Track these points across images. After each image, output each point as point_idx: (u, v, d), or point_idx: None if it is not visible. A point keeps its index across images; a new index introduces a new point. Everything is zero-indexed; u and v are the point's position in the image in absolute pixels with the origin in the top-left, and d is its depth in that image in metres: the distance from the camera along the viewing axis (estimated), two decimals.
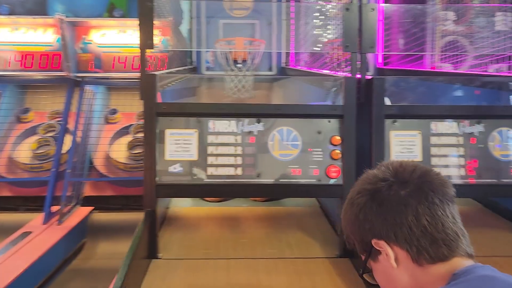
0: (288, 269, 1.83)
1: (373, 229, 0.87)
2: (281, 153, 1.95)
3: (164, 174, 1.89)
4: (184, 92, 3.62)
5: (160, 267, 1.84)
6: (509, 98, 2.46)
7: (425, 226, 0.82)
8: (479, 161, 1.97)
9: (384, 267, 0.87)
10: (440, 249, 0.82)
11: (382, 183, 0.87)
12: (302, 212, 2.56)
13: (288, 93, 3.36)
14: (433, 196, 0.84)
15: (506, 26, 3.01)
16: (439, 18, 3.61)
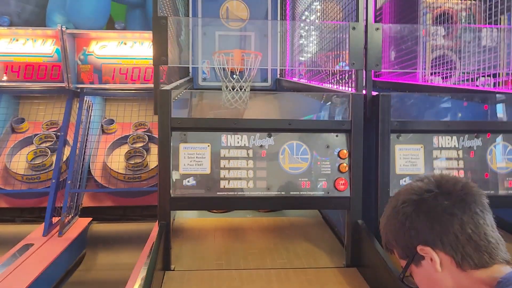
0: (300, 278, 1.89)
1: (419, 236, 0.93)
2: (291, 166, 2.02)
3: (178, 187, 1.94)
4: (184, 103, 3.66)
5: (175, 279, 1.87)
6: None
7: (469, 234, 0.89)
8: (476, 173, 2.08)
9: (427, 272, 0.93)
10: (483, 256, 0.88)
11: (427, 194, 0.94)
12: (306, 223, 2.63)
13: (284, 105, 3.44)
14: (475, 206, 0.91)
15: (491, 42, 3.16)
16: (430, 33, 3.75)
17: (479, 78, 3.18)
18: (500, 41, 3.09)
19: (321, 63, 3.13)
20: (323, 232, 2.45)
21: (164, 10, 2.63)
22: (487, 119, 2.34)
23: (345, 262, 2.04)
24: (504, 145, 2.11)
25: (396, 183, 2.03)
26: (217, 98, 3.67)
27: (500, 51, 3.04)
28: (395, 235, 0.98)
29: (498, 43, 3.08)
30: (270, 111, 3.86)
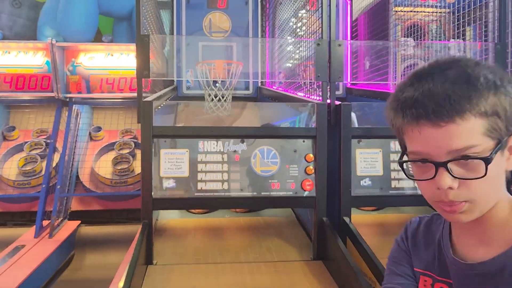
0: (270, 270, 2.10)
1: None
2: (262, 169, 2.23)
3: (159, 189, 2.14)
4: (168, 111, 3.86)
5: (157, 272, 2.07)
6: None
7: None
8: None
9: (502, 165, 0.73)
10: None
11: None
12: (280, 222, 2.84)
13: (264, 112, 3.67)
14: None
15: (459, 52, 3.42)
16: (401, 44, 4.00)
17: None
18: (466, 51, 3.35)
19: (294, 74, 3.36)
20: (295, 230, 2.67)
21: (148, 25, 2.84)
22: None
23: (312, 256, 2.26)
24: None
25: (357, 184, 2.25)
26: (200, 106, 3.87)
27: None
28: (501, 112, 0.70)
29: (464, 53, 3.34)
30: (250, 118, 4.11)
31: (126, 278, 1.70)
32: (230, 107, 3.72)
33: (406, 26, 4.25)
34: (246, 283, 1.98)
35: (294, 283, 1.98)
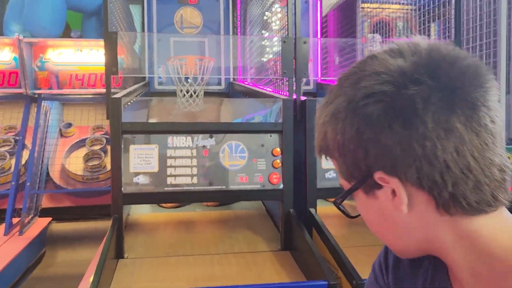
0: (238, 261, 2.17)
1: (382, 157, 0.56)
2: (230, 163, 2.29)
3: (129, 184, 2.17)
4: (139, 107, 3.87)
5: (128, 265, 2.11)
6: None
7: (468, 163, 0.54)
8: None
9: (382, 206, 0.60)
10: (483, 196, 0.55)
11: (411, 87, 0.54)
12: (250, 215, 2.91)
13: (235, 107, 3.73)
14: (480, 115, 0.55)
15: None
16: (368, 40, 4.12)
17: None
18: None
19: (264, 69, 3.42)
20: (264, 222, 2.74)
21: (116, 21, 2.84)
22: None
23: (279, 247, 2.34)
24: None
25: (322, 176, 2.34)
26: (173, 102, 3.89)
27: None
28: (342, 145, 0.59)
29: None
30: (222, 113, 4.16)
31: (96, 272, 1.74)
32: (202, 102, 3.76)
33: (374, 23, 4.37)
34: (215, 274, 2.04)
35: (262, 272, 2.06)
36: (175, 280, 1.97)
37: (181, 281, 1.96)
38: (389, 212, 0.60)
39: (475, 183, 0.55)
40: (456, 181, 0.54)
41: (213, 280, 1.96)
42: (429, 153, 0.54)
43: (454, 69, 0.55)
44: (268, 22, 4.11)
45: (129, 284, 1.90)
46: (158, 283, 1.92)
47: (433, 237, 0.59)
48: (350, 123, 0.57)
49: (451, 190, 0.54)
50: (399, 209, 0.58)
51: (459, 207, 0.55)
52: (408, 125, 0.54)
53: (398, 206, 0.58)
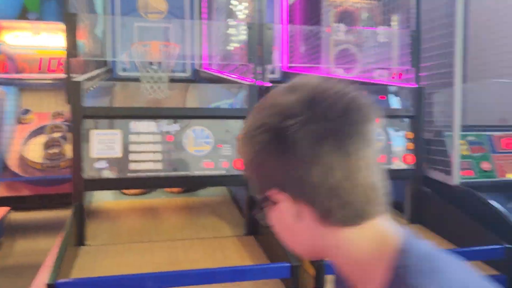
0: (203, 246, 2.17)
1: (271, 177, 0.68)
2: (195, 149, 2.28)
3: (91, 170, 2.13)
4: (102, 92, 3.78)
5: (90, 253, 2.07)
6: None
7: (335, 184, 0.65)
8: None
9: (282, 217, 0.71)
10: (350, 211, 0.66)
11: (289, 121, 0.65)
12: (215, 201, 2.92)
13: (200, 93, 3.70)
14: (350, 143, 0.65)
15: (386, 39, 3.64)
16: (333, 30, 4.17)
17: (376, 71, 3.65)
18: (394, 40, 3.56)
19: (230, 56, 3.41)
20: (229, 208, 2.76)
21: (77, 3, 2.75)
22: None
23: (244, 232, 2.36)
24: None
25: None
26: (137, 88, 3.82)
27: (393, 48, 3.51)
28: (246, 165, 0.73)
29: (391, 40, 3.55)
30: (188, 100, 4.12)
31: (56, 260, 1.70)
32: (167, 89, 3.71)
33: (339, 12, 4.43)
34: (180, 259, 2.04)
35: (226, 257, 2.08)
36: (138, 266, 1.96)
37: (145, 266, 1.94)
38: (287, 222, 0.70)
39: (342, 202, 0.65)
40: (325, 199, 0.65)
41: (178, 265, 1.96)
42: (302, 175, 0.65)
43: (333, 104, 0.66)
44: (234, 10, 4.08)
45: (91, 271, 1.87)
46: (121, 269, 1.90)
47: (321, 244, 0.70)
48: (248, 148, 0.70)
49: (322, 207, 0.66)
50: (292, 220, 0.69)
51: (332, 220, 0.67)
52: (286, 152, 0.65)
53: (290, 217, 0.69)
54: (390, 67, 3.30)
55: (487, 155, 2.44)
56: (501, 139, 2.50)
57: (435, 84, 2.59)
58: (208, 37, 4.57)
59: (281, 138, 0.66)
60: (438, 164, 2.45)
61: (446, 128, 2.41)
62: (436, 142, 2.48)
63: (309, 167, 0.65)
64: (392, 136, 2.54)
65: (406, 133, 2.55)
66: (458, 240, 2.18)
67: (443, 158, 2.42)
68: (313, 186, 0.65)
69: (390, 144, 2.53)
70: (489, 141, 2.47)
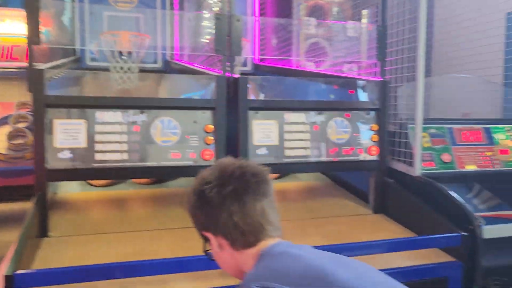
0: (171, 237, 2.17)
1: (201, 222, 1.14)
2: (162, 139, 2.27)
3: (54, 160, 2.09)
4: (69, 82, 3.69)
5: (52, 244, 2.04)
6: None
7: (235, 223, 1.06)
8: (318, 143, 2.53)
9: (215, 250, 1.13)
10: (248, 238, 1.07)
11: (206, 185, 1.09)
12: (184, 192, 2.90)
13: (170, 85, 3.67)
14: (246, 196, 1.07)
15: (355, 33, 3.69)
16: (303, 23, 4.20)
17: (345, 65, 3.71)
18: (362, 34, 3.62)
19: (200, 47, 3.40)
20: None
21: None
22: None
23: None
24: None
25: (253, 153, 2.39)
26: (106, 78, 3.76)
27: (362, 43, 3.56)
28: (191, 217, 1.19)
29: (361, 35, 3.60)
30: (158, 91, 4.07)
31: (16, 251, 1.67)
32: (137, 79, 3.67)
33: (310, 6, 4.45)
34: (146, 250, 2.03)
35: (193, 247, 2.06)
36: (104, 257, 1.94)
37: (110, 257, 1.93)
38: (217, 253, 1.14)
39: (241, 233, 1.07)
40: (231, 232, 1.07)
41: (144, 256, 1.95)
42: (216, 219, 1.08)
43: (233, 173, 1.09)
44: (207, 2, 4.05)
45: (53, 262, 1.84)
46: (85, 260, 1.88)
47: (241, 264, 1.10)
48: (188, 203, 1.19)
49: (230, 237, 1.08)
50: (219, 250, 1.13)
51: (238, 246, 1.09)
52: (205, 205, 1.10)
53: (217, 248, 1.13)
54: (359, 61, 3.36)
55: (447, 147, 2.53)
56: (461, 132, 2.59)
57: (400, 78, 2.65)
58: (179, 28, 4.53)
59: (201, 197, 1.11)
60: (401, 156, 2.52)
61: (409, 121, 2.48)
62: (400, 135, 2.55)
63: (219, 213, 1.07)
64: (359, 129, 2.60)
65: (371, 125, 2.60)
66: (418, 229, 2.25)
67: (406, 150, 2.49)
68: (223, 225, 1.07)
69: (357, 136, 2.59)
70: (450, 133, 2.56)
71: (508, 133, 2.67)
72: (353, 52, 3.44)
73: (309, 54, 4.10)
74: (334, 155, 2.54)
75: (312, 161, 2.50)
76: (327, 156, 2.54)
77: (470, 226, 2.01)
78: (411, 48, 2.49)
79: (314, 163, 2.52)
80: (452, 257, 2.03)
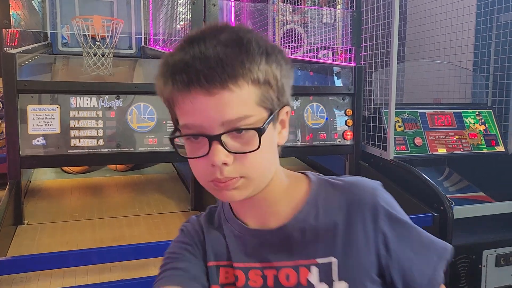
0: (148, 222, 2.18)
1: (287, 93, 0.72)
2: (139, 125, 2.26)
3: (27, 147, 2.05)
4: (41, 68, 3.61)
5: (28, 231, 2.01)
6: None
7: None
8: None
9: (271, 137, 0.71)
10: None
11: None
12: (161, 178, 2.91)
13: (146, 71, 3.63)
14: None
15: (331, 20, 3.72)
16: (279, 9, 4.20)
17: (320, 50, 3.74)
18: (337, 20, 3.64)
19: (176, 32, 3.36)
20: (175, 185, 2.76)
21: None
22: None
23: (189, 207, 2.38)
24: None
25: None
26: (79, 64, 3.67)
27: (337, 29, 3.58)
28: (264, 76, 0.67)
29: (336, 21, 3.63)
30: (133, 77, 4.01)
31: None
32: (112, 66, 3.60)
33: None
34: (123, 235, 2.04)
35: (170, 231, 2.09)
36: (80, 243, 1.94)
37: (86, 243, 1.92)
38: (275, 145, 0.74)
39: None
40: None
41: (121, 241, 1.96)
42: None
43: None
44: None
45: (29, 248, 1.83)
46: (61, 247, 1.87)
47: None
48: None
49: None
50: (281, 140, 0.76)
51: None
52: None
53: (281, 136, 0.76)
54: (334, 46, 3.39)
55: (420, 131, 2.60)
56: (434, 116, 2.67)
57: (374, 63, 2.70)
58: (154, 13, 4.46)
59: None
60: (375, 140, 2.58)
61: (383, 106, 2.54)
62: (374, 119, 2.61)
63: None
64: (334, 114, 2.64)
65: (346, 110, 2.65)
66: None
67: (380, 134, 2.55)
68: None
69: (332, 121, 2.63)
70: (422, 118, 2.63)
71: (477, 117, 2.76)
72: (328, 38, 3.47)
73: (285, 40, 4.12)
74: (310, 140, 2.58)
75: (289, 145, 2.53)
76: (303, 141, 2.57)
77: (441, 207, 2.09)
78: (386, 34, 2.54)
79: (290, 148, 2.56)
80: None
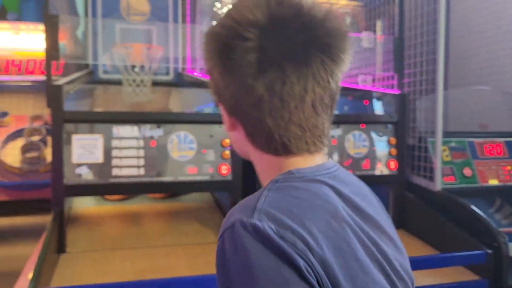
0: (186, 253, 2.14)
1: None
2: (179, 154, 2.25)
3: (71, 176, 2.08)
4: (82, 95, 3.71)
5: (70, 260, 2.02)
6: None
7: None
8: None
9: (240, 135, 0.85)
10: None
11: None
12: (199, 207, 2.89)
13: (183, 97, 3.67)
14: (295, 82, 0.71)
15: (370, 44, 3.67)
16: None
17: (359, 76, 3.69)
18: (376, 44, 3.59)
19: None
20: (213, 214, 2.73)
21: (57, 4, 2.69)
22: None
23: None
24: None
25: None
26: (119, 91, 3.76)
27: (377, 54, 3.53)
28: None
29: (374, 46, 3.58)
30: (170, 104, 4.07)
31: (36, 268, 1.65)
32: (150, 92, 3.66)
33: None
34: (162, 266, 2.01)
35: (209, 263, 2.04)
36: (120, 273, 1.92)
37: (127, 274, 1.91)
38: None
39: (267, 133, 0.74)
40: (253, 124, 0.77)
41: (160, 272, 1.93)
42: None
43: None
44: (218, 12, 4.05)
45: (72, 279, 1.83)
46: (102, 277, 1.86)
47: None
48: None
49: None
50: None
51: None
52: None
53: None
54: (375, 73, 3.33)
55: (468, 161, 2.48)
56: (483, 145, 2.55)
57: (417, 90, 2.62)
58: (191, 40, 4.54)
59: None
60: (420, 170, 2.47)
61: (429, 134, 2.44)
62: (419, 148, 2.51)
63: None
64: (376, 142, 2.56)
65: (389, 138, 2.57)
66: (440, 245, 2.20)
67: (425, 164, 2.45)
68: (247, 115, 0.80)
69: (374, 150, 2.55)
70: (471, 147, 2.51)
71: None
72: (368, 64, 3.42)
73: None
74: (350, 169, 2.50)
75: None
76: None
77: (495, 243, 1.96)
78: (429, 60, 2.46)
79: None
80: (476, 275, 1.98)
